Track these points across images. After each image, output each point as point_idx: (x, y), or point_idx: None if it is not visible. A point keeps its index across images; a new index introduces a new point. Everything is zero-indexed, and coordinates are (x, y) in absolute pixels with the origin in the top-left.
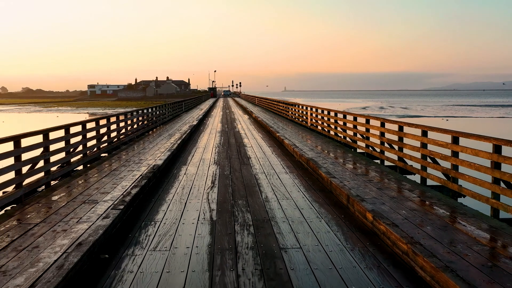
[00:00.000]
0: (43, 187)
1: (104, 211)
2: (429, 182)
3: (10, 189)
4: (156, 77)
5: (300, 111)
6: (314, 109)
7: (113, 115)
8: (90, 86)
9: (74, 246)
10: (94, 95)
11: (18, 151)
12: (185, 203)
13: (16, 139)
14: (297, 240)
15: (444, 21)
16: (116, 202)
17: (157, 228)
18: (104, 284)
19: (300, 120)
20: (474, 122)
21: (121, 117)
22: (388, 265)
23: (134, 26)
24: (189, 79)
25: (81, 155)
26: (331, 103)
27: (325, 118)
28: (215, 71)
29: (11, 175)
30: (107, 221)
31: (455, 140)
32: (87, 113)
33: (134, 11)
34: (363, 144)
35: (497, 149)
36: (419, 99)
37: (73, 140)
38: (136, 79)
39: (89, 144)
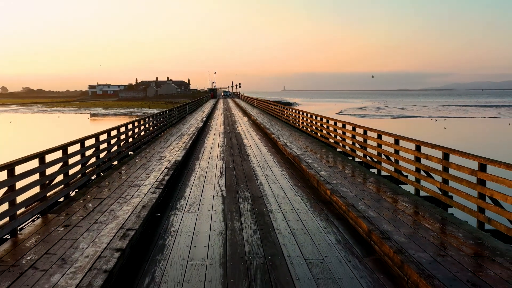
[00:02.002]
0: (95, 176)
1: (148, 190)
2: (383, 173)
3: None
4: (157, 78)
5: (294, 115)
6: (304, 113)
7: (136, 120)
8: (91, 86)
9: (140, 207)
10: (95, 95)
11: (83, 149)
12: (203, 186)
13: (82, 140)
14: (279, 207)
15: (444, 20)
16: (155, 185)
17: (186, 200)
18: (164, 226)
19: (293, 122)
20: (460, 123)
21: (142, 121)
22: (333, 219)
23: (134, 26)
24: (189, 80)
25: (116, 153)
26: (329, 103)
27: (313, 122)
28: (215, 72)
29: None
30: (155, 195)
31: (396, 142)
32: (90, 113)
33: (134, 11)
34: (341, 145)
35: (417, 148)
36: (417, 99)
37: (102, 142)
38: (136, 80)
39: (121, 144)
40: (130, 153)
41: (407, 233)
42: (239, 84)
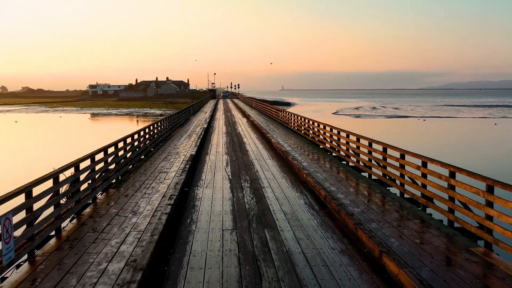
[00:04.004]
0: (131, 166)
1: (175, 175)
2: (351, 164)
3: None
4: (156, 78)
5: (287, 117)
6: (296, 116)
7: (155, 122)
8: (91, 86)
9: (174, 184)
10: (96, 95)
11: (124, 146)
12: (214, 172)
13: (126, 138)
14: (269, 184)
15: (443, 19)
16: (180, 171)
17: (204, 181)
18: (191, 195)
19: (287, 123)
20: (444, 123)
21: (159, 123)
22: (306, 191)
23: (133, 26)
24: (188, 80)
25: (143, 149)
26: (326, 103)
27: (303, 123)
28: (215, 73)
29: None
30: (182, 177)
31: (358, 140)
32: (92, 113)
33: (134, 11)
34: (323, 142)
35: (369, 144)
36: (414, 98)
37: (135, 140)
38: (136, 80)
39: (147, 142)
40: (152, 149)
41: (352, 199)
42: (238, 84)
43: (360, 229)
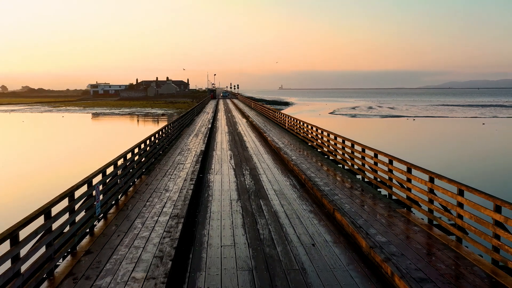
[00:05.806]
0: (153, 159)
1: (190, 165)
2: (331, 158)
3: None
4: (157, 78)
5: (283, 118)
6: (290, 117)
7: (169, 123)
8: (92, 86)
9: (191, 171)
10: (97, 95)
11: (150, 144)
12: (221, 164)
13: (150, 137)
14: (264, 172)
15: (441, 18)
16: (194, 163)
17: (214, 170)
18: (205, 179)
19: (283, 124)
20: (433, 122)
21: (172, 124)
22: (291, 176)
23: (133, 25)
24: (188, 80)
25: (160, 146)
26: (324, 103)
27: (295, 124)
28: (215, 74)
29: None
30: (197, 166)
31: (335, 138)
32: (95, 112)
33: (133, 11)
34: (312, 140)
35: (343, 141)
36: (410, 98)
37: (157, 138)
38: (137, 79)
39: (164, 140)
40: (166, 146)
41: (325, 182)
42: (237, 85)
43: (324, 198)
